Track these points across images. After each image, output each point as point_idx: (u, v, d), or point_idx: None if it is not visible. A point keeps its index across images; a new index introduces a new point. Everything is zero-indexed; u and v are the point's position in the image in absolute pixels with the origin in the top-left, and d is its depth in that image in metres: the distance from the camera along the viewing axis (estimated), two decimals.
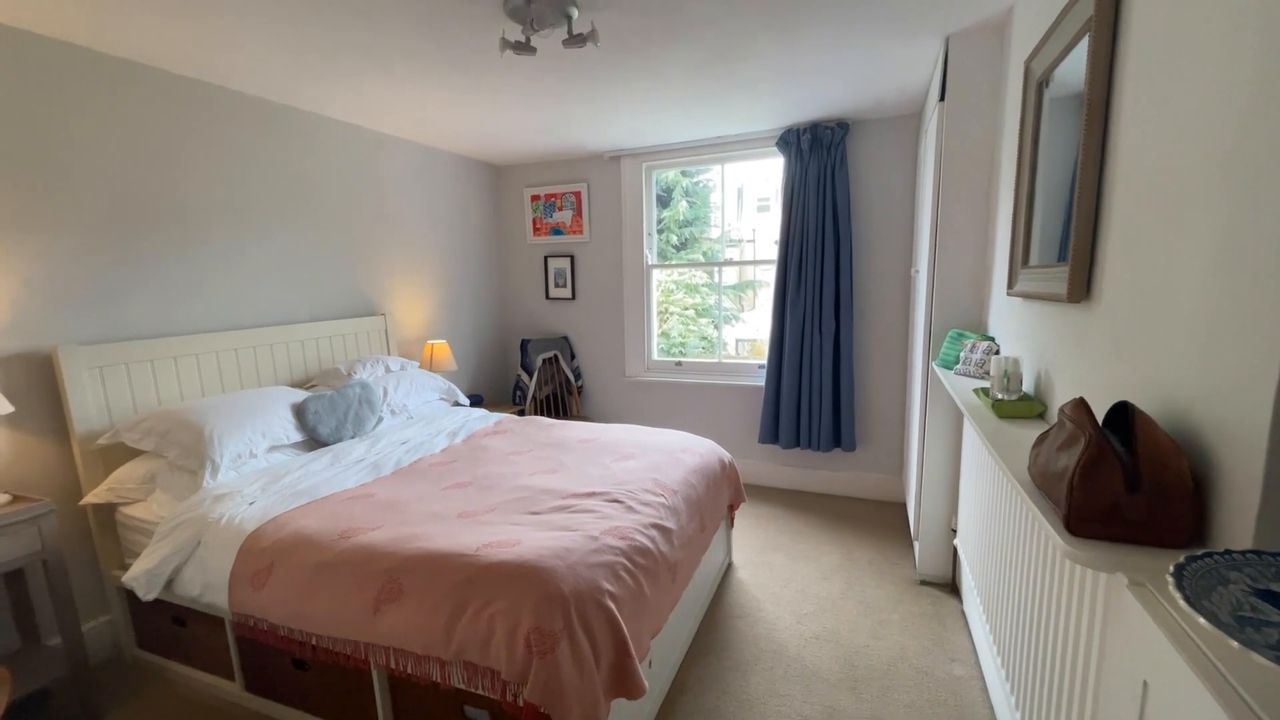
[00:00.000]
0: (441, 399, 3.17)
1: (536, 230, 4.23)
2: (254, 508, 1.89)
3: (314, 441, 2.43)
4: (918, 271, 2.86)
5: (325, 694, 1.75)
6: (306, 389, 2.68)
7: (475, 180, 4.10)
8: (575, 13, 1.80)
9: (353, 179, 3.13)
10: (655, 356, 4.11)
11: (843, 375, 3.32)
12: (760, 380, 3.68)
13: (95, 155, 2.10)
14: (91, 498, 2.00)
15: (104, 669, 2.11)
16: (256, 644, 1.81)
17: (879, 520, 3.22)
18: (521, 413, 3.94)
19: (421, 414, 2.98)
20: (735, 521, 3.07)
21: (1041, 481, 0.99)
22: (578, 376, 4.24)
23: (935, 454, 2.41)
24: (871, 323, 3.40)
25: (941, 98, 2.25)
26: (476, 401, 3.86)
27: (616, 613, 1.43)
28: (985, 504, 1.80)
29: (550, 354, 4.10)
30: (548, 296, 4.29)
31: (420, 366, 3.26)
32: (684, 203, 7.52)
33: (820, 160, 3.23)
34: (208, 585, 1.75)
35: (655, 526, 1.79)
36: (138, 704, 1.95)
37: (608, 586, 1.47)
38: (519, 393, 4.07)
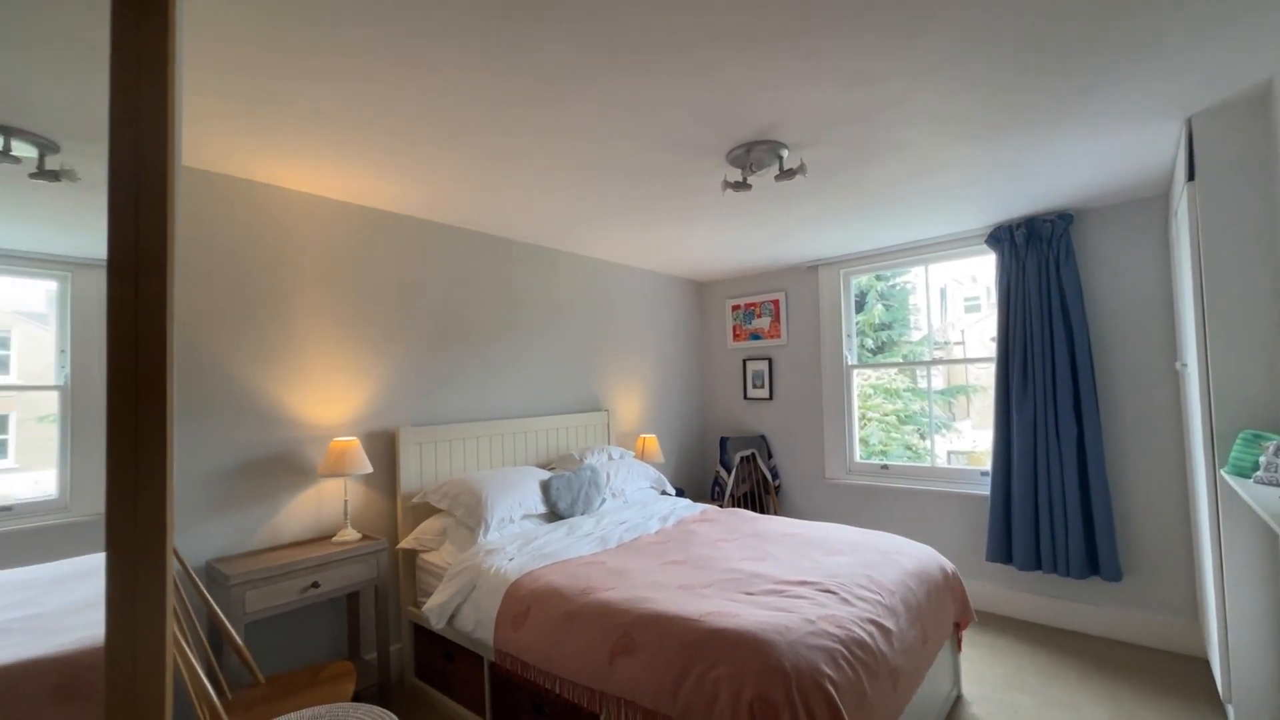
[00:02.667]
0: (651, 487, 3.47)
1: (736, 336, 4.57)
2: (513, 563, 2.29)
3: (552, 514, 2.86)
4: (1184, 365, 2.47)
5: None
6: (548, 470, 3.19)
7: (682, 296, 4.66)
8: (786, 153, 2.16)
9: (588, 301, 3.83)
10: (858, 458, 3.98)
11: (1094, 486, 2.86)
12: (984, 489, 3.33)
13: (429, 292, 2.97)
14: (405, 543, 2.63)
15: (392, 689, 2.61)
16: (507, 684, 2.12)
17: (1168, 675, 2.56)
18: (720, 507, 4.06)
19: (635, 499, 3.30)
20: (963, 646, 2.70)
21: None
22: (775, 475, 4.27)
23: (1243, 587, 1.94)
24: (1127, 425, 2.93)
25: (1190, 177, 2.09)
26: (679, 494, 4.10)
27: (837, 699, 1.43)
28: None
29: (748, 452, 4.23)
30: (745, 397, 4.51)
31: (635, 457, 3.65)
32: (879, 306, 7.37)
33: (1040, 254, 3.07)
34: (479, 622, 2.15)
35: (872, 622, 1.74)
36: None
37: (827, 670, 1.48)
38: (717, 488, 4.22)
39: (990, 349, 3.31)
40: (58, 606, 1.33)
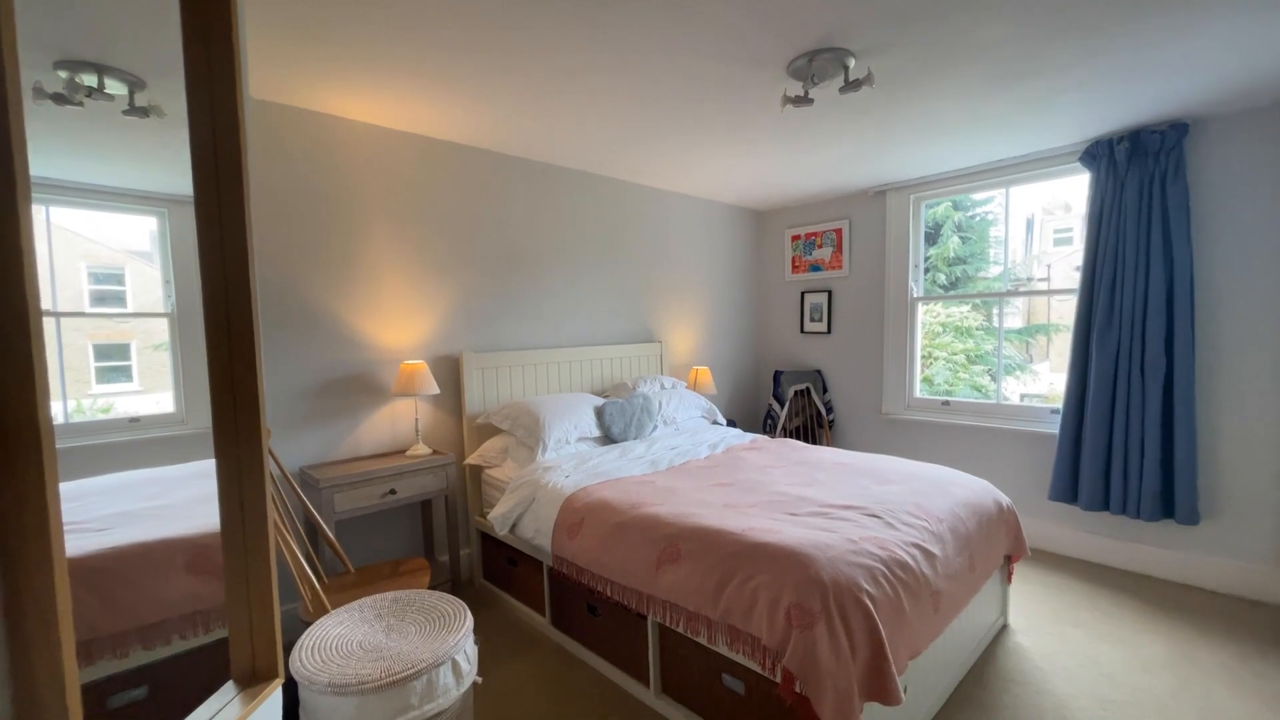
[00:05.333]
0: (703, 417, 3.54)
1: (795, 268, 4.43)
2: (569, 479, 2.43)
3: (607, 438, 2.99)
4: None
5: (609, 638, 2.14)
6: (602, 397, 3.30)
7: (739, 225, 4.52)
8: (853, 62, 2.00)
9: (642, 230, 3.79)
10: (918, 394, 3.87)
11: (1179, 426, 2.67)
12: (1052, 427, 3.18)
13: (486, 222, 3.03)
14: (470, 459, 2.83)
15: (463, 588, 2.90)
16: (565, 585, 2.31)
17: (1236, 619, 2.46)
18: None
19: (686, 427, 3.38)
20: (1014, 578, 2.69)
21: None
22: (829, 410, 4.23)
23: None
24: (1227, 361, 2.68)
25: None
26: (730, 425, 4.15)
27: (874, 612, 1.48)
28: None
29: (802, 386, 4.19)
30: (802, 330, 4.41)
31: (687, 388, 3.70)
32: (955, 238, 6.88)
33: (1143, 171, 2.75)
34: (538, 530, 2.32)
35: (916, 546, 1.76)
36: (482, 616, 2.62)
37: (865, 585, 1.52)
38: (770, 421, 4.24)
39: (1074, 280, 3.06)
40: (182, 499, 1.54)
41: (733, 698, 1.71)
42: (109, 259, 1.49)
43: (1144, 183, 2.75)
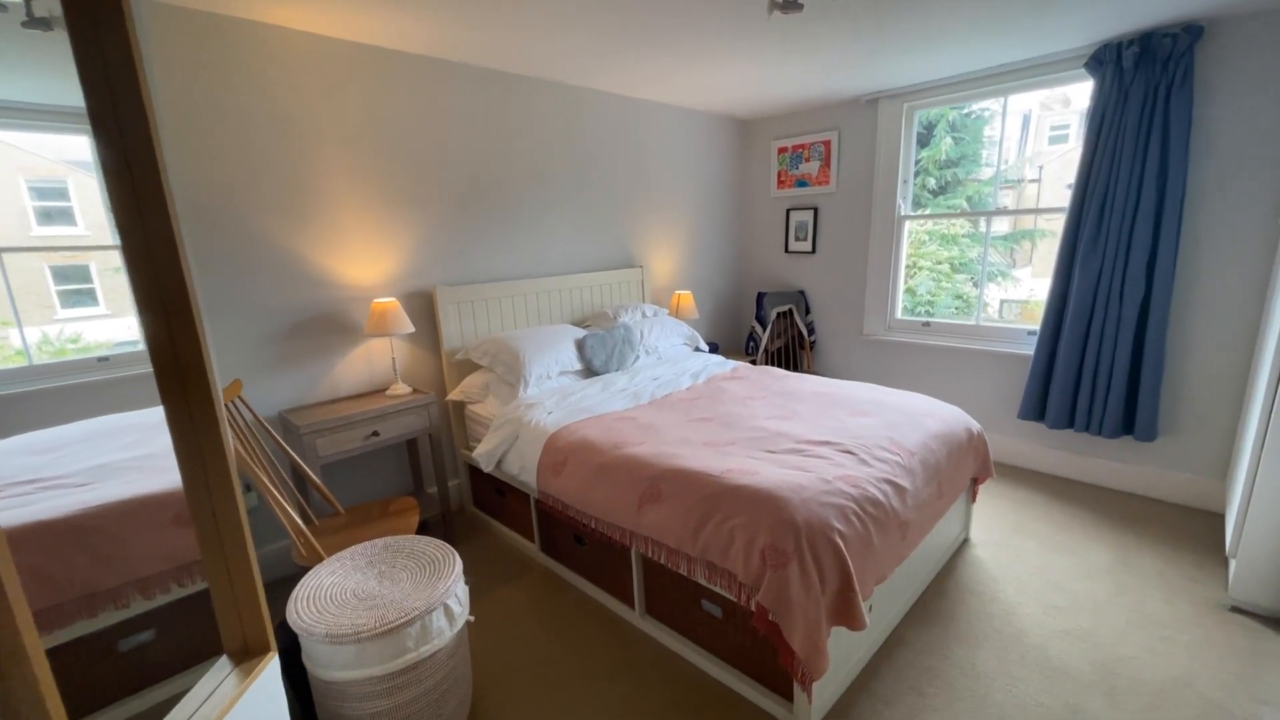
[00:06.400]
0: (685, 344, 3.53)
1: (781, 183, 4.25)
2: (551, 416, 2.45)
3: (589, 371, 2.99)
4: None
5: (595, 566, 2.26)
6: (583, 328, 3.26)
7: (723, 136, 4.26)
8: None
9: (620, 146, 3.56)
10: (899, 315, 3.87)
11: (1149, 349, 2.73)
12: (1028, 348, 3.23)
13: (452, 143, 2.81)
14: (452, 396, 2.83)
15: (453, 516, 3.01)
16: (551, 518, 2.40)
17: (1177, 528, 2.66)
18: (754, 363, 4.13)
19: (669, 355, 3.38)
20: (978, 497, 2.85)
21: None
22: (811, 332, 4.24)
23: None
24: (1203, 286, 2.68)
25: None
26: (713, 349, 4.17)
27: (844, 549, 1.56)
28: None
29: (785, 308, 4.17)
30: (787, 250, 4.32)
31: (669, 314, 3.66)
32: (948, 139, 6.59)
33: (1149, 79, 2.59)
34: (523, 467, 2.37)
35: (888, 482, 1.83)
36: (473, 543, 2.74)
37: (837, 525, 1.59)
38: (752, 343, 4.25)
39: (1065, 197, 2.98)
40: (162, 448, 1.50)
41: (711, 620, 1.85)
42: (48, 170, 1.35)
43: (1149, 92, 2.60)
